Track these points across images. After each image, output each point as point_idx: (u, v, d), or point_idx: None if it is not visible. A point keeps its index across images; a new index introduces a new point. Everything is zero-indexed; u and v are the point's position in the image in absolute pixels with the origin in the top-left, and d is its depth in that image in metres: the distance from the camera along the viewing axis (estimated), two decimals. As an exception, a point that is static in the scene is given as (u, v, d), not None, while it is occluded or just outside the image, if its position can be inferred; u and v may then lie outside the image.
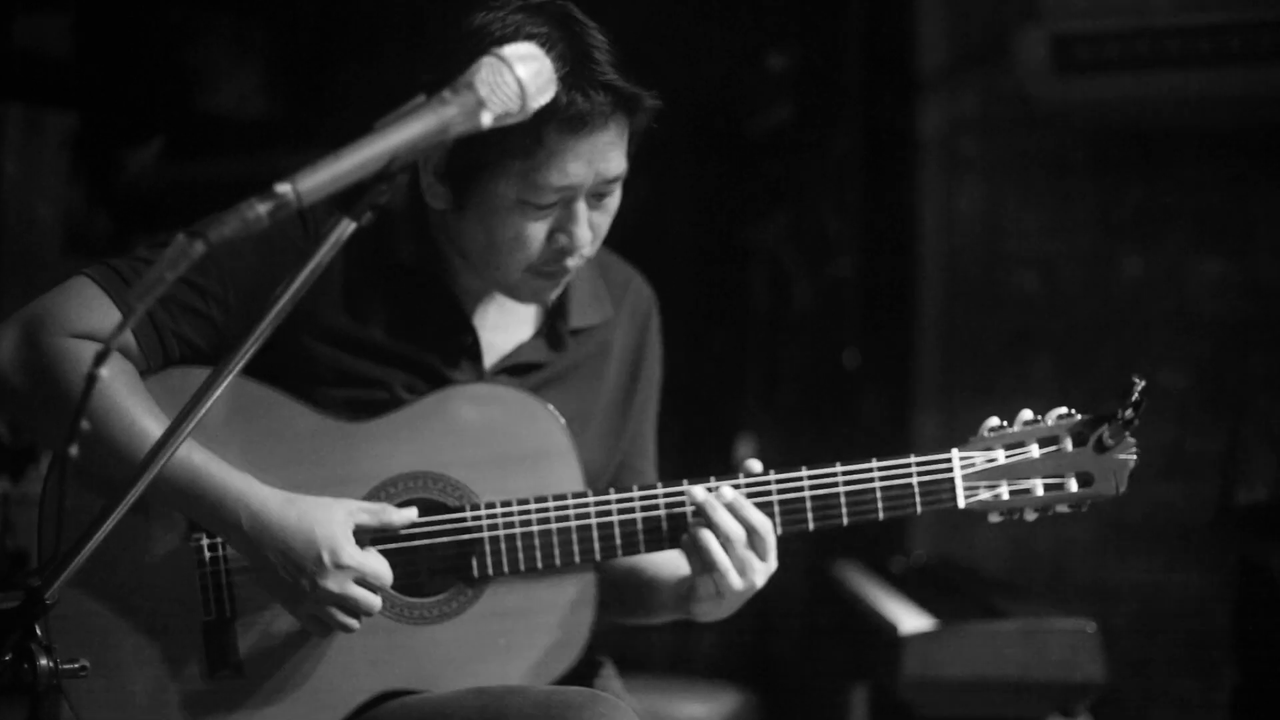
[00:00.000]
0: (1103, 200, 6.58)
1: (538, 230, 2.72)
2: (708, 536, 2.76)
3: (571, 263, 2.77)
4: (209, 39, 6.29)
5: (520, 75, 2.21)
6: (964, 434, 2.91)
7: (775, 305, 6.48)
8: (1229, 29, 5.93)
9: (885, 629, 4.45)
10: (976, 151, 6.76)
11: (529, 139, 2.61)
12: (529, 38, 2.59)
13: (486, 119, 2.21)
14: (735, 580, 2.76)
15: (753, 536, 2.77)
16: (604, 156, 2.69)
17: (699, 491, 2.79)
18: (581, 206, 2.73)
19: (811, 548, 5.84)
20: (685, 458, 5.24)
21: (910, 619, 4.46)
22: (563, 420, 2.84)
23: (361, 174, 2.10)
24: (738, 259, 6.50)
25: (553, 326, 2.95)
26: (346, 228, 2.17)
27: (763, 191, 6.57)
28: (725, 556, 2.76)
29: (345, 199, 2.17)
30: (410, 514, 2.76)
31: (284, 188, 2.02)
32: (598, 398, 2.99)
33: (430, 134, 2.16)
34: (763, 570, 2.79)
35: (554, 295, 2.89)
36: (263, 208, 2.00)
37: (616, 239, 2.92)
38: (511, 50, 2.22)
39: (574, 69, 2.63)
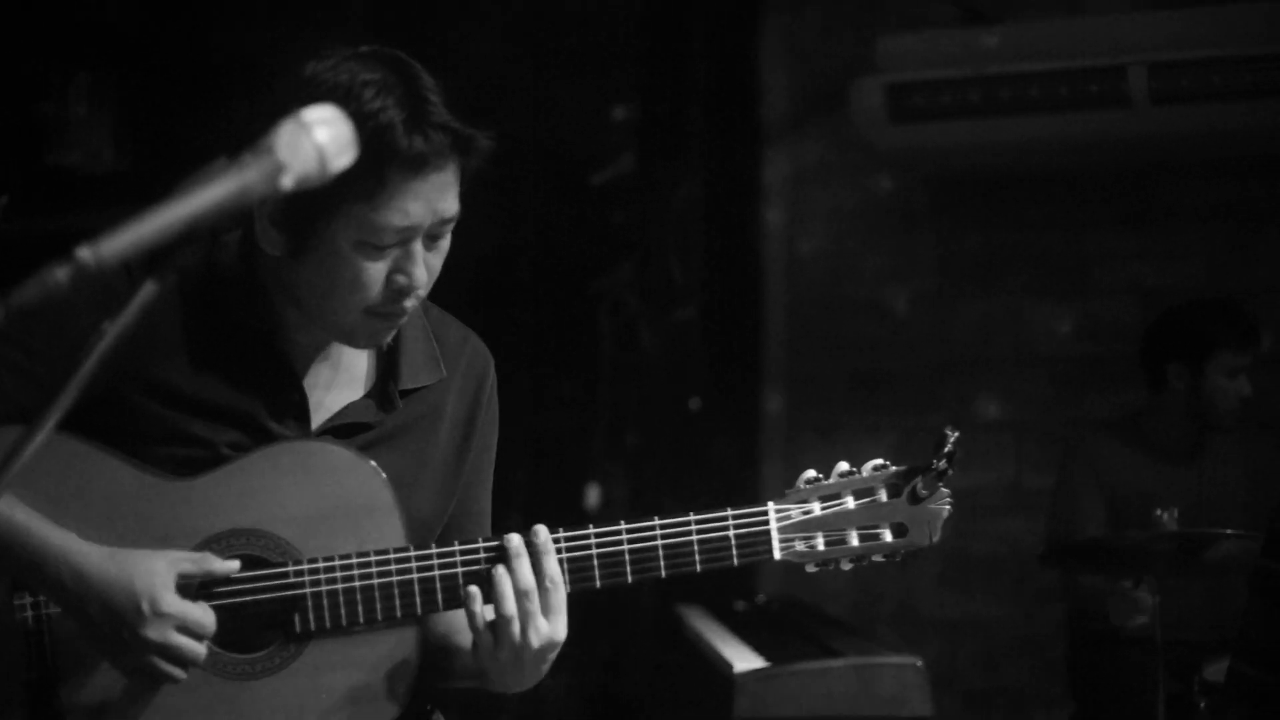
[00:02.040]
0: (942, 244, 6.72)
1: (377, 272, 2.72)
2: (503, 581, 2.79)
3: (409, 304, 2.78)
4: (61, 93, 6.27)
5: (320, 139, 2.23)
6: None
7: (621, 351, 6.54)
8: (1058, 76, 6.08)
9: (721, 669, 4.50)
10: (818, 198, 6.88)
11: (370, 181, 2.61)
12: (365, 85, 2.63)
13: (287, 182, 2.23)
14: (515, 633, 2.78)
15: (544, 592, 2.80)
16: (441, 197, 2.69)
17: (514, 537, 2.82)
18: (419, 247, 2.73)
19: (660, 589, 5.89)
20: (532, 505, 5.29)
21: (744, 659, 4.52)
22: (384, 475, 2.86)
23: (163, 238, 2.11)
24: (584, 306, 6.54)
25: (383, 388, 2.94)
26: (149, 290, 2.18)
27: (608, 239, 6.62)
28: (511, 603, 2.79)
29: (154, 259, 2.17)
30: (234, 564, 2.78)
31: (84, 252, 2.03)
32: (428, 458, 2.99)
33: (230, 198, 2.18)
34: (545, 632, 2.81)
35: (390, 337, 2.89)
36: (62, 273, 2.01)
37: (466, 288, 2.93)
38: (311, 113, 2.25)
39: (413, 112, 2.64)
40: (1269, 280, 6.32)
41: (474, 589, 2.79)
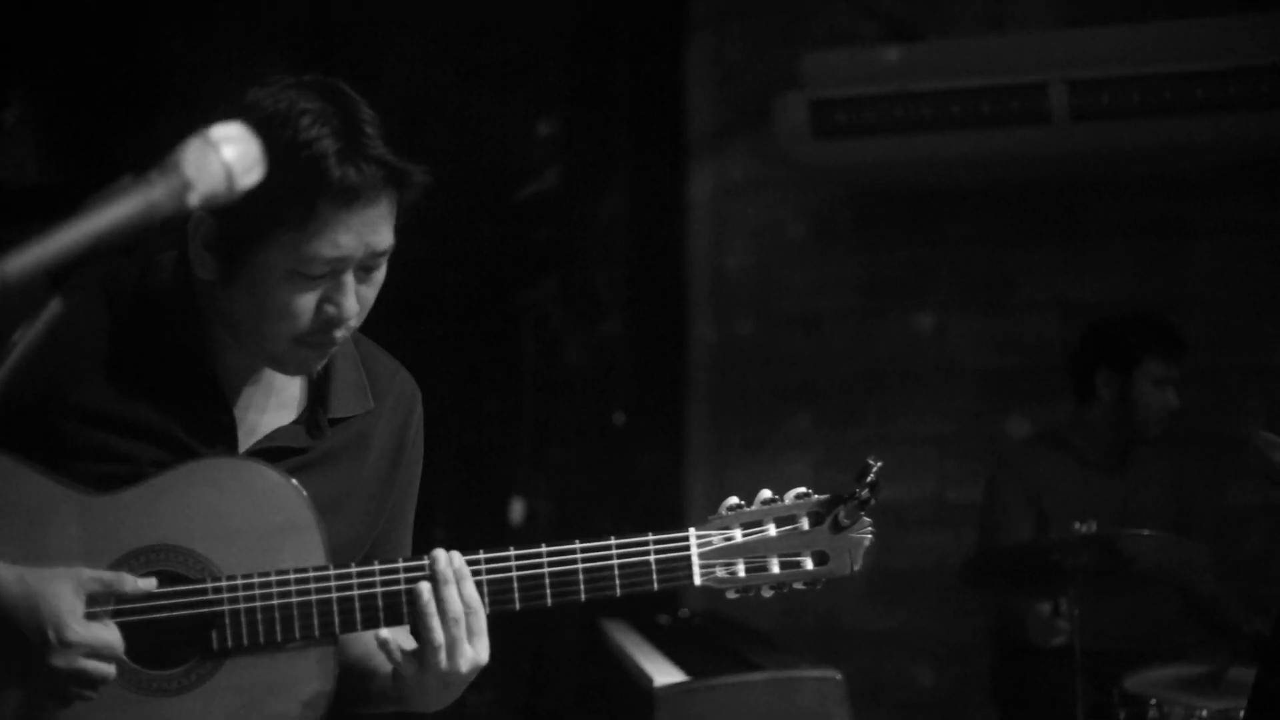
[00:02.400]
0: (866, 259, 6.75)
1: (307, 301, 2.72)
2: (429, 607, 2.80)
3: (339, 334, 2.78)
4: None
5: (227, 157, 2.23)
6: (734, 490, 2.97)
7: (546, 366, 6.55)
8: (981, 93, 6.12)
9: (641, 683, 4.51)
10: (743, 213, 6.90)
11: (301, 210, 2.62)
12: (302, 113, 2.63)
13: (194, 200, 2.23)
14: (443, 659, 2.80)
15: (469, 615, 2.81)
16: (374, 230, 2.70)
17: (441, 556, 2.82)
18: (350, 279, 2.74)
19: (585, 603, 5.89)
20: (456, 519, 5.30)
21: (665, 673, 4.53)
22: (306, 494, 2.86)
23: (68, 255, 2.10)
24: (508, 321, 6.55)
25: (313, 414, 2.94)
26: (54, 307, 2.17)
27: (533, 254, 6.64)
28: (440, 631, 2.80)
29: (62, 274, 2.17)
30: (148, 583, 2.77)
31: (-6, 268, 2.02)
32: (353, 486, 2.99)
33: (135, 215, 2.17)
34: (470, 658, 2.82)
35: (320, 366, 2.90)
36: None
37: (390, 302, 2.94)
38: (218, 131, 2.24)
39: (348, 143, 2.64)
40: (1190, 294, 6.38)
41: (429, 603, 2.79)
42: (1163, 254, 6.44)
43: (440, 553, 2.82)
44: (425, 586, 2.81)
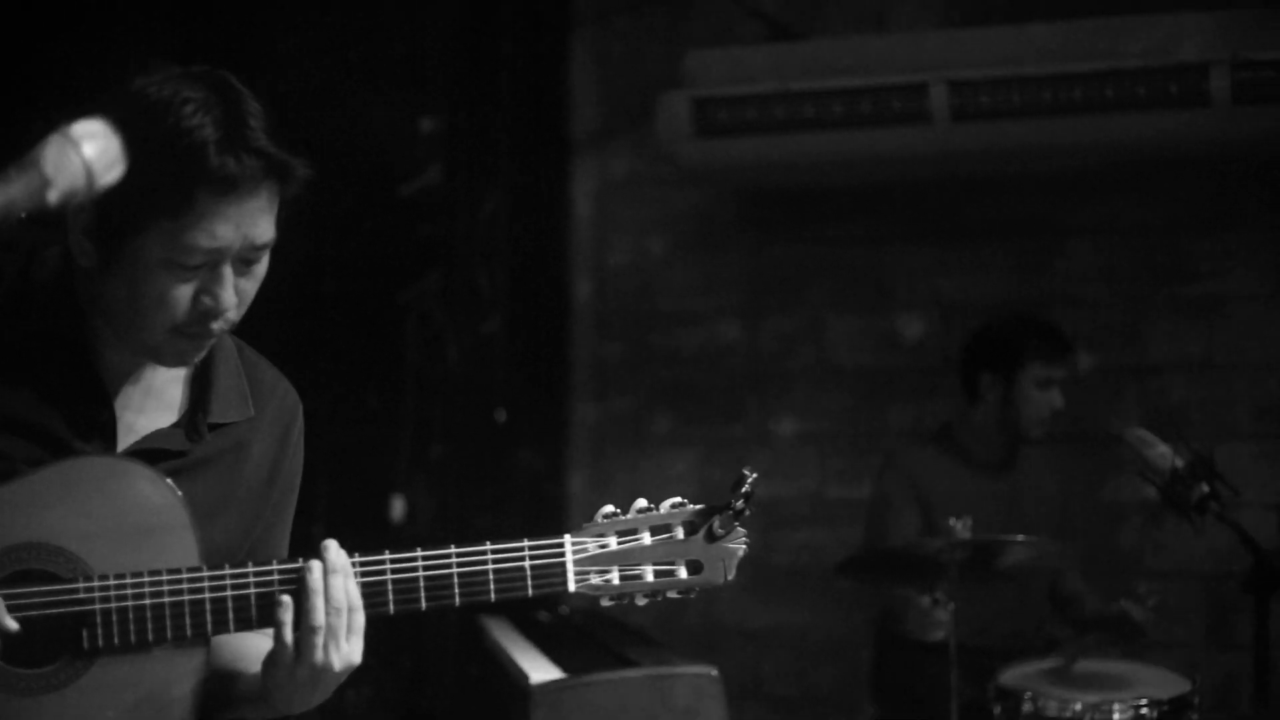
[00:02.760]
0: (747, 257, 6.79)
1: (183, 292, 2.70)
2: (317, 584, 2.80)
3: (216, 326, 2.76)
4: None
5: (86, 154, 2.21)
6: (615, 488, 2.98)
7: (427, 364, 6.53)
8: (861, 92, 6.16)
9: (519, 681, 4.52)
10: (626, 211, 6.92)
11: (178, 199, 2.60)
12: (185, 101, 2.62)
13: (53, 197, 2.21)
14: (319, 644, 2.80)
15: (351, 611, 2.82)
16: (253, 222, 2.69)
17: (333, 546, 2.82)
18: (228, 270, 2.72)
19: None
20: (336, 517, 5.27)
21: (541, 670, 4.54)
22: (180, 494, 2.85)
23: None
24: (390, 318, 6.53)
25: (193, 418, 2.92)
26: None
27: (415, 251, 6.61)
28: (322, 613, 2.80)
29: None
30: (10, 624, 2.74)
31: None
32: (230, 493, 2.97)
33: None
34: (344, 654, 2.82)
35: (198, 358, 2.88)
36: None
37: (270, 298, 2.92)
38: (78, 128, 2.23)
39: (228, 133, 2.62)
40: (1065, 293, 6.47)
41: (286, 598, 2.79)
42: (1039, 253, 6.52)
43: (333, 543, 2.83)
44: (317, 565, 2.81)
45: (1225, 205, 6.35)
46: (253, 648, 2.94)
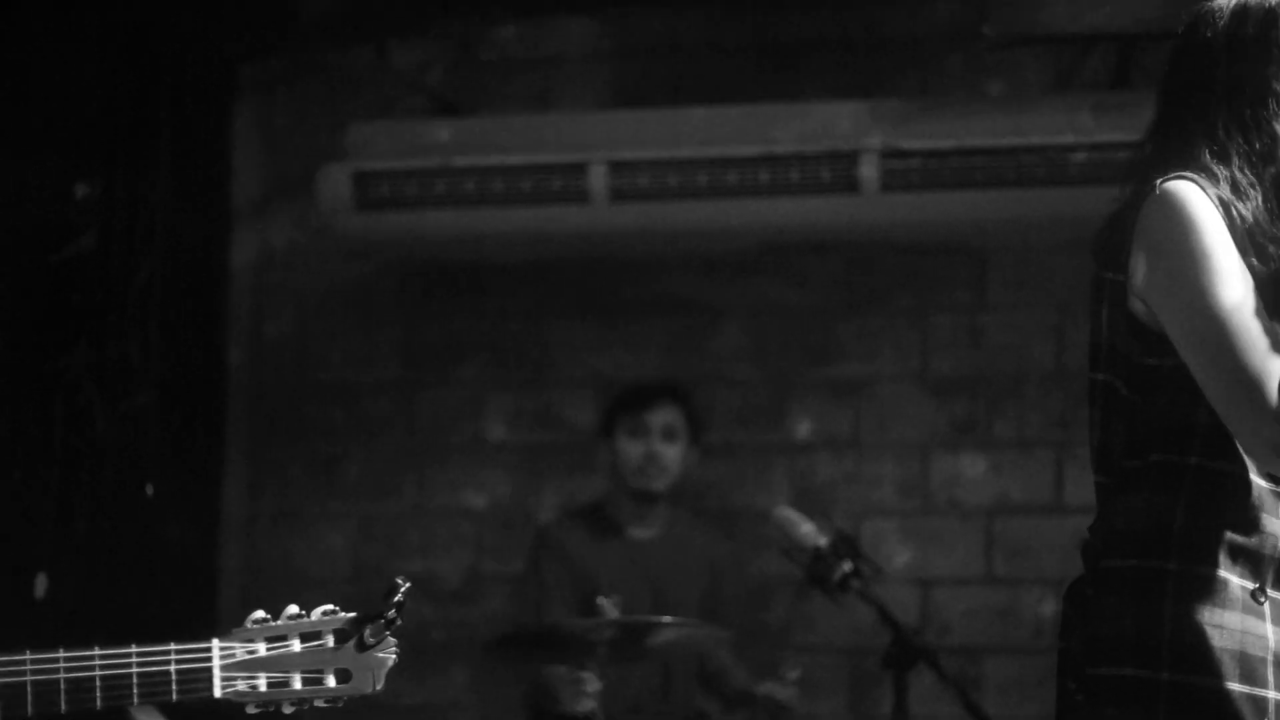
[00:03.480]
0: (406, 331, 6.79)
1: None
2: None
3: None
4: None
5: None
6: (268, 564, 2.96)
7: (75, 436, 6.37)
8: (522, 170, 6.23)
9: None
10: (286, 283, 6.87)
11: None
12: None
13: None
14: None
15: None
16: None
17: None
18: None
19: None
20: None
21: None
22: None
23: None
24: (38, 389, 6.36)
25: None
26: None
27: (65, 320, 6.45)
28: None
29: None
30: None
31: None
32: None
33: None
34: None
35: None
36: None
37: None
38: None
39: None
40: (717, 371, 6.58)
41: None
42: (693, 332, 6.63)
43: None
44: None
45: (872, 288, 6.54)
46: None
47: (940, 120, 6.08)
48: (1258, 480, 2.77)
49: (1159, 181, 2.78)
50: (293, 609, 2.95)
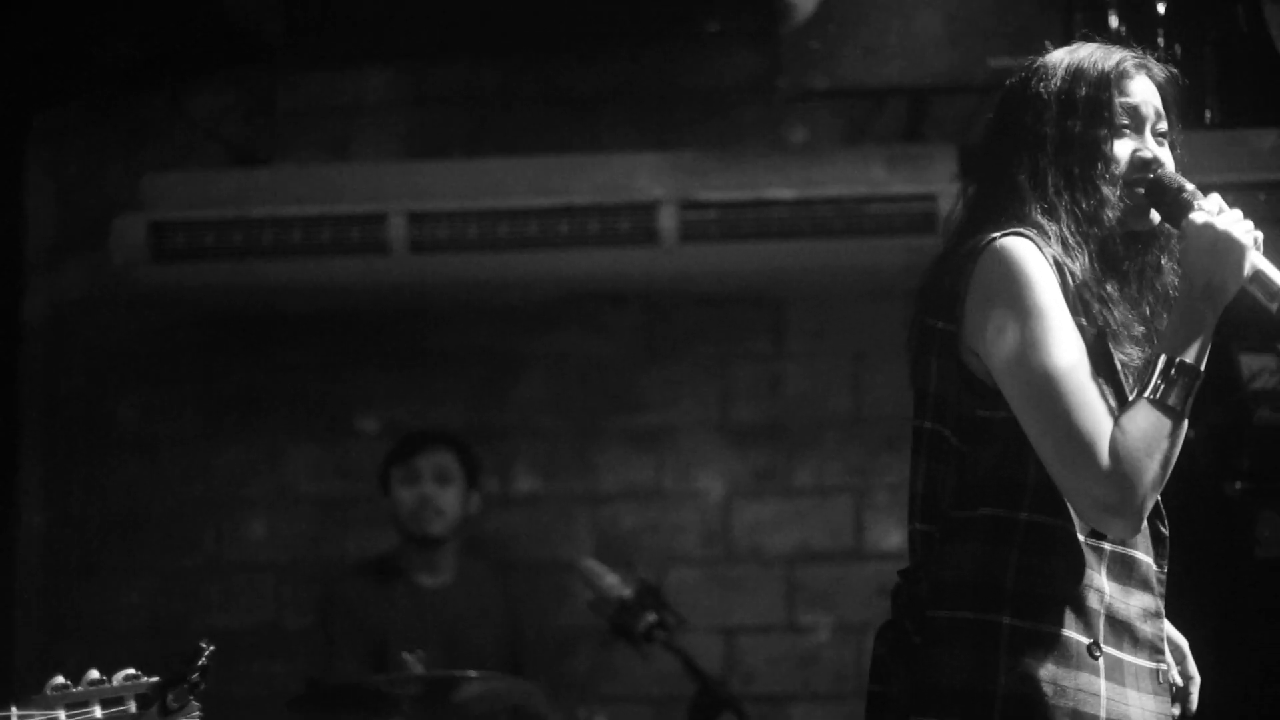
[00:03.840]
0: (204, 383, 6.71)
1: None
2: None
3: None
4: None
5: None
6: (64, 621, 2.90)
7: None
8: (322, 220, 6.19)
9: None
10: (80, 335, 6.76)
11: None
12: None
13: None
14: None
15: None
16: None
17: None
18: None
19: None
20: None
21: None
22: None
23: None
24: None
25: None
26: None
27: None
28: None
29: None
30: None
31: None
32: None
33: None
34: None
35: None
36: None
37: None
38: None
39: None
40: (520, 422, 6.60)
41: None
42: (495, 383, 6.64)
43: None
44: None
45: (672, 338, 6.60)
46: None
47: (737, 172, 6.16)
48: (1081, 537, 2.80)
49: (996, 235, 2.79)
50: (94, 674, 2.89)
